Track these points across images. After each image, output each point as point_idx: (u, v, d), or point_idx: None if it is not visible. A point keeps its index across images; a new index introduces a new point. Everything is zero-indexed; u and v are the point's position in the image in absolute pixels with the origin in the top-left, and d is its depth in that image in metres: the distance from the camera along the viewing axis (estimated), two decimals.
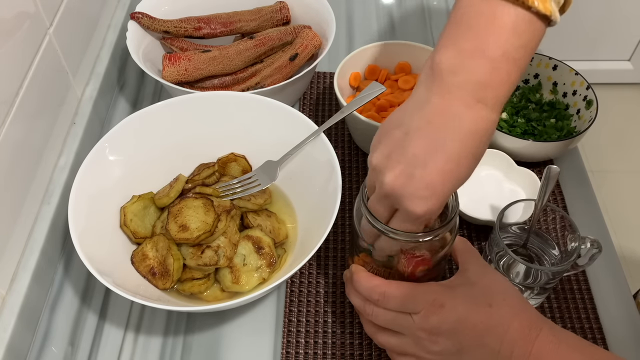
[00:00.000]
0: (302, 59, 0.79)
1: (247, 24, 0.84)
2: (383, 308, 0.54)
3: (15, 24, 0.61)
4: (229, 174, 0.71)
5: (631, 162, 1.96)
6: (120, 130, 0.66)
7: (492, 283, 0.53)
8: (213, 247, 0.62)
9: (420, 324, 0.52)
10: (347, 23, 1.00)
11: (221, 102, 0.71)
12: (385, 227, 0.52)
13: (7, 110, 0.59)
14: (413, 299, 0.52)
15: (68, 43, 0.74)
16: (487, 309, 0.51)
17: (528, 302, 0.53)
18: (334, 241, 0.71)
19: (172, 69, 0.77)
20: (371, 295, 0.54)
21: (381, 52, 0.81)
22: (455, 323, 0.51)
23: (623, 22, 1.98)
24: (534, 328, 0.50)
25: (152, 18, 0.81)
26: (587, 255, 0.62)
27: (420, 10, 1.02)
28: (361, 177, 0.77)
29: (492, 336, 0.50)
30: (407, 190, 0.46)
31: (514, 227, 0.67)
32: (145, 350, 0.62)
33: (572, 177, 0.78)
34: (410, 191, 0.46)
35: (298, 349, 0.62)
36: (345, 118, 0.69)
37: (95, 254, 0.58)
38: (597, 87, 0.78)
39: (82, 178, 0.62)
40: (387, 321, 0.54)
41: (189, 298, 0.62)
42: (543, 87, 0.83)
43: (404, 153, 0.46)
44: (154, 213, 0.67)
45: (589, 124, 0.74)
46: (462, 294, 0.52)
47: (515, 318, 0.51)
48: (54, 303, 0.65)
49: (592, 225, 0.73)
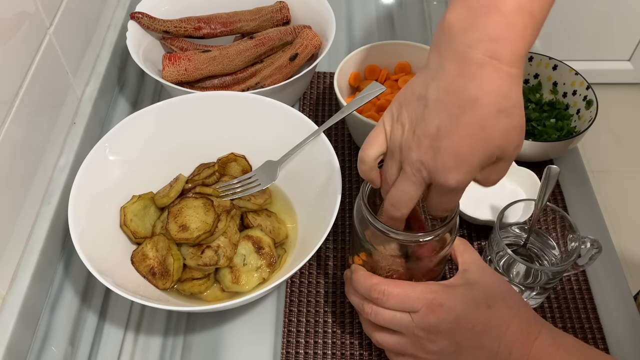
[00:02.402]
0: (302, 59, 0.79)
1: (247, 24, 0.84)
2: (382, 307, 0.54)
3: (15, 24, 0.61)
4: (229, 174, 0.71)
5: (631, 162, 1.96)
6: (120, 130, 0.66)
7: (491, 284, 0.53)
8: (213, 247, 0.62)
9: (419, 323, 0.51)
10: (347, 23, 1.00)
11: (221, 102, 0.71)
12: (386, 227, 0.52)
13: (7, 110, 0.59)
14: (412, 297, 0.52)
15: (68, 43, 0.74)
16: (485, 309, 0.51)
17: (527, 304, 0.53)
18: (334, 241, 0.71)
19: (172, 69, 0.77)
20: (370, 293, 0.54)
21: (381, 52, 0.81)
22: (454, 323, 0.51)
23: (623, 22, 1.98)
24: (533, 330, 0.50)
25: (152, 18, 0.81)
26: (587, 255, 0.62)
27: (420, 10, 1.02)
28: (361, 177, 0.77)
29: (490, 337, 0.50)
30: (438, 164, 0.45)
31: (514, 227, 0.67)
32: (145, 350, 0.62)
33: (572, 177, 0.78)
34: (440, 164, 0.45)
35: (298, 349, 0.62)
36: (345, 118, 0.69)
37: (95, 254, 0.58)
38: (597, 87, 0.78)
39: (82, 178, 0.62)
40: (386, 320, 0.54)
41: (189, 298, 0.62)
42: (543, 87, 0.83)
43: (427, 127, 0.45)
44: (154, 213, 0.67)
45: (589, 124, 0.74)
46: (461, 294, 0.52)
47: (514, 320, 0.51)
48: (54, 303, 0.65)
49: (592, 225, 0.73)
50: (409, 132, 0.47)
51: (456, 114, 0.44)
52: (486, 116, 0.44)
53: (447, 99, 0.45)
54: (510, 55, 0.43)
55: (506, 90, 0.44)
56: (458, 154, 0.45)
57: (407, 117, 0.47)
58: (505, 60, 0.43)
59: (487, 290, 0.53)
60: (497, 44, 0.43)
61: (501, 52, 0.43)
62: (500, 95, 0.44)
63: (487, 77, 0.43)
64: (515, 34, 0.43)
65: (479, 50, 0.43)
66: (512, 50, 0.43)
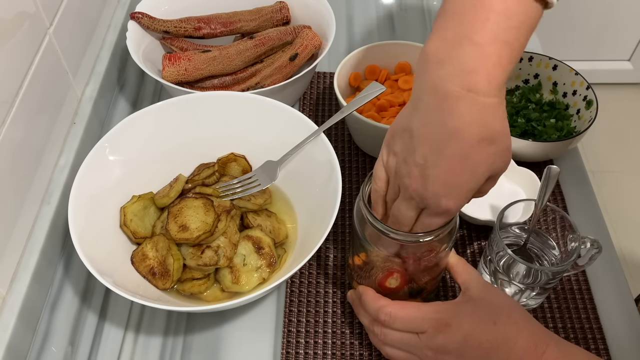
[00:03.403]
0: (302, 59, 0.79)
1: (247, 24, 0.84)
2: (390, 328, 0.55)
3: (15, 24, 0.61)
4: (229, 174, 0.71)
5: (631, 162, 1.96)
6: (120, 130, 0.66)
7: (495, 300, 0.54)
8: (213, 247, 0.62)
9: (427, 343, 0.52)
10: (347, 23, 0.99)
11: (221, 102, 0.71)
12: (386, 227, 0.52)
13: (7, 110, 0.59)
14: (418, 318, 0.53)
15: (68, 43, 0.74)
16: (492, 326, 0.51)
17: (532, 317, 0.54)
18: (334, 241, 0.71)
19: (172, 69, 0.77)
20: (378, 316, 0.55)
21: (381, 52, 0.81)
22: (462, 342, 0.51)
23: (623, 22, 1.98)
24: (540, 344, 0.50)
25: (152, 18, 0.81)
26: (587, 255, 0.62)
27: (420, 11, 1.02)
28: (361, 177, 0.77)
29: (498, 354, 0.51)
30: (428, 191, 0.46)
31: (514, 227, 0.67)
32: (145, 350, 0.62)
33: (572, 177, 0.78)
34: (430, 191, 0.46)
35: (298, 349, 0.62)
36: (345, 118, 0.69)
37: (95, 254, 0.58)
38: (597, 87, 0.78)
39: (82, 178, 0.62)
40: (394, 340, 0.55)
41: (189, 298, 0.62)
42: (543, 87, 0.83)
43: (415, 157, 0.46)
44: (154, 213, 0.67)
45: (589, 124, 0.74)
46: (466, 313, 0.53)
47: (521, 334, 0.51)
48: (54, 303, 0.65)
49: (592, 225, 0.73)
50: (401, 161, 0.48)
51: (439, 146, 0.45)
52: (469, 146, 0.44)
53: (429, 131, 0.45)
54: (486, 86, 0.44)
55: (485, 120, 0.44)
56: (447, 183, 0.46)
57: (399, 147, 0.49)
58: (482, 91, 0.44)
59: (492, 306, 0.53)
60: (472, 76, 0.43)
61: (476, 84, 0.43)
62: (481, 126, 0.44)
63: (464, 110, 0.44)
64: (492, 64, 0.43)
65: (455, 83, 0.44)
66: (488, 80, 0.43)
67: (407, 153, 0.47)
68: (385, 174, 0.51)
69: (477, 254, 0.70)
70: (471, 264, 0.69)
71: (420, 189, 0.47)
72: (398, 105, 0.77)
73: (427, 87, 0.45)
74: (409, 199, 0.49)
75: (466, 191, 0.47)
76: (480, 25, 0.43)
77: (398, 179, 0.49)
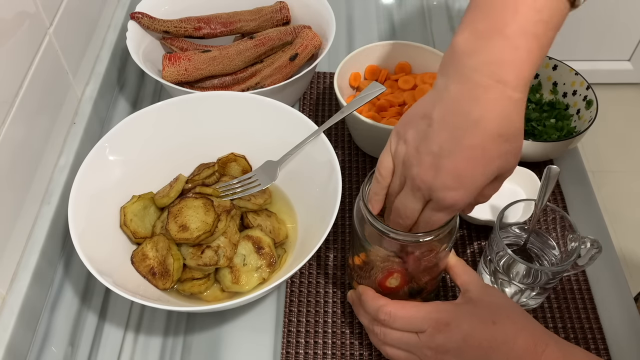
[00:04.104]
0: (302, 59, 0.79)
1: (247, 24, 0.84)
2: (390, 328, 0.55)
3: (15, 24, 0.61)
4: (229, 174, 0.71)
5: (631, 162, 1.96)
6: (120, 130, 0.66)
7: (494, 301, 0.54)
8: (213, 247, 0.62)
9: (426, 343, 0.53)
10: (347, 23, 1.00)
11: (221, 102, 0.71)
12: (386, 227, 0.52)
13: (7, 110, 0.59)
14: (418, 318, 0.53)
15: (68, 43, 0.74)
16: (491, 326, 0.52)
17: (531, 317, 0.54)
18: (334, 241, 0.71)
19: (172, 69, 0.77)
20: (378, 315, 0.55)
21: (381, 52, 0.81)
22: (461, 341, 0.51)
23: (623, 22, 1.98)
24: (540, 344, 0.50)
25: (152, 18, 0.81)
26: (587, 255, 0.62)
27: (420, 11, 1.02)
28: (361, 177, 0.77)
29: (498, 353, 0.51)
30: (437, 182, 0.46)
31: (514, 227, 0.67)
32: (145, 350, 0.62)
33: (572, 177, 0.78)
34: (440, 182, 0.46)
35: (298, 349, 0.62)
36: (345, 118, 0.69)
37: (95, 254, 0.58)
38: (597, 87, 0.78)
39: (82, 178, 0.62)
40: (394, 340, 0.55)
41: (189, 298, 0.62)
42: (543, 87, 0.83)
43: (430, 145, 0.46)
44: (154, 213, 0.67)
45: (589, 124, 0.74)
46: (466, 313, 0.53)
47: (520, 334, 0.51)
48: (54, 303, 0.65)
49: (592, 225, 0.73)
50: (412, 149, 0.48)
51: (459, 135, 0.45)
52: (488, 139, 0.44)
53: (452, 119, 0.45)
54: (515, 79, 0.44)
55: (509, 114, 0.44)
56: (458, 174, 0.45)
57: (411, 135, 0.48)
58: (510, 84, 0.44)
59: (491, 307, 0.53)
60: (502, 68, 0.44)
61: (506, 76, 0.44)
62: (503, 119, 0.44)
63: (491, 101, 0.44)
64: (519, 57, 0.44)
65: (485, 73, 0.44)
66: (516, 73, 0.44)
67: (420, 141, 0.47)
68: (392, 164, 0.51)
69: (477, 254, 0.70)
70: (471, 264, 0.69)
71: (430, 179, 0.46)
72: (398, 105, 0.77)
73: (455, 77, 0.45)
74: (416, 190, 0.48)
75: (475, 187, 0.46)
76: (510, 17, 0.44)
77: (406, 168, 0.49)
